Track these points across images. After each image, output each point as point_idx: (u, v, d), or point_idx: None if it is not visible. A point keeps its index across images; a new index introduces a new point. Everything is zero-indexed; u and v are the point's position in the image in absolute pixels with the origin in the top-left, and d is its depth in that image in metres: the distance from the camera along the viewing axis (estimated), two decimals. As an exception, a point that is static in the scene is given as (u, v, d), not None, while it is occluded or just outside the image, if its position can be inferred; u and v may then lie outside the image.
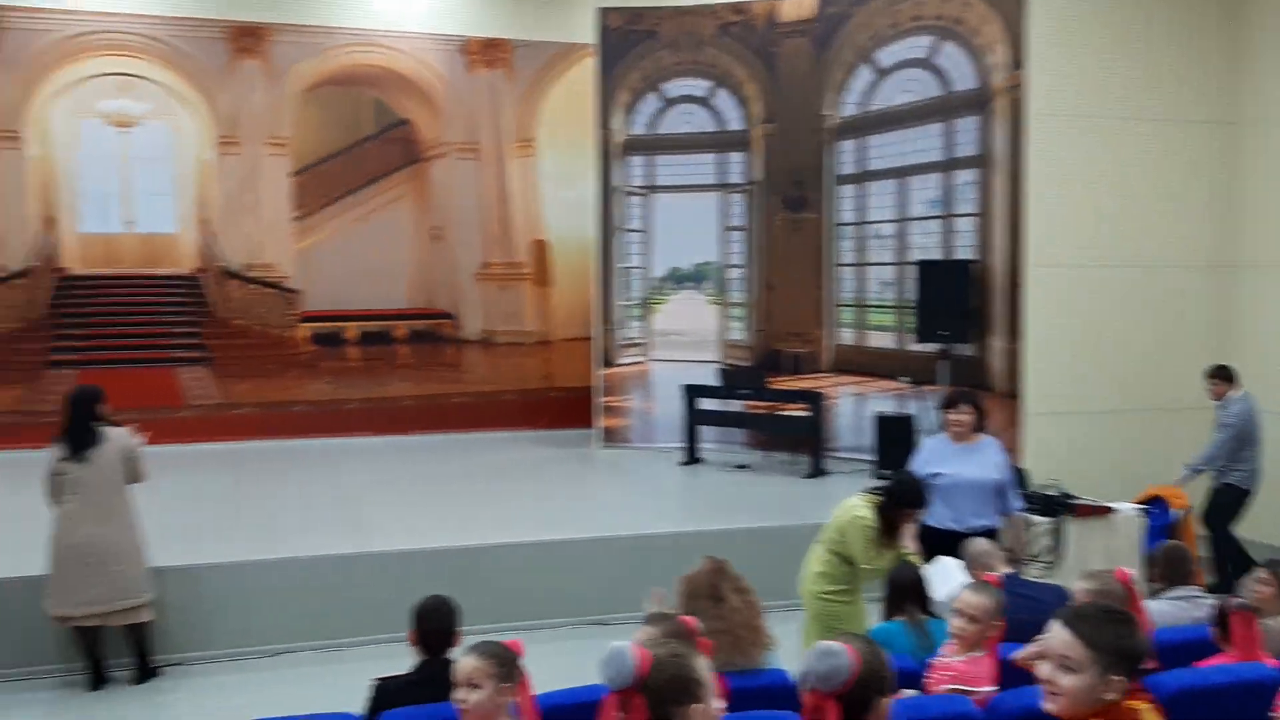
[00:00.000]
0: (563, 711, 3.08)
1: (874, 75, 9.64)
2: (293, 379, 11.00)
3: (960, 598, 3.60)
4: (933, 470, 5.43)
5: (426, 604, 3.84)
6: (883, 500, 4.75)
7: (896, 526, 4.73)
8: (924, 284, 8.77)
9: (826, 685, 2.22)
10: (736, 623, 3.38)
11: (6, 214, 10.12)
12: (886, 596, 4.27)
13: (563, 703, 3.12)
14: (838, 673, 2.22)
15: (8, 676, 5.78)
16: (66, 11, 10.07)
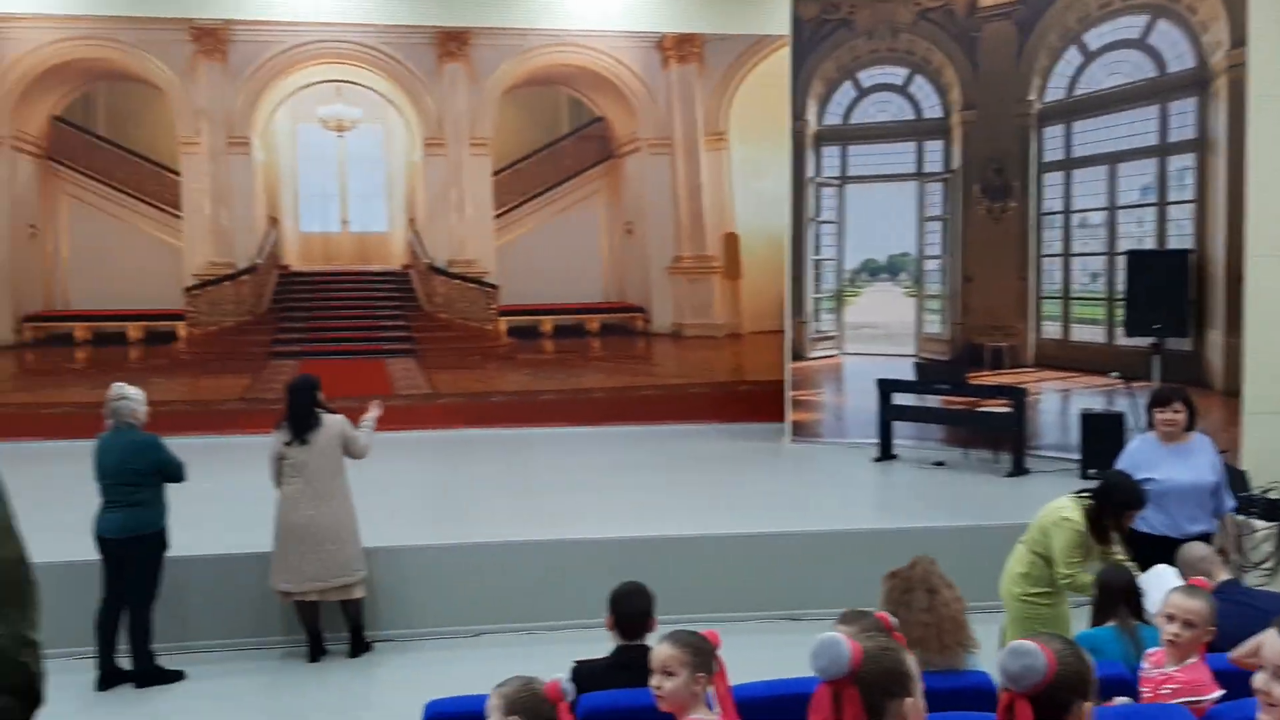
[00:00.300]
0: (759, 703, 3.10)
1: (1082, 58, 9.22)
2: (492, 370, 11.41)
3: (1171, 601, 3.42)
4: (1144, 475, 5.16)
5: (623, 589, 3.91)
6: (1094, 503, 4.56)
7: (1109, 530, 4.53)
8: (1135, 275, 8.33)
9: (1018, 685, 2.17)
10: (944, 617, 3.35)
11: (237, 215, 10.88)
12: (1096, 600, 4.08)
13: (758, 695, 3.14)
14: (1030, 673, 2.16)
15: (239, 646, 6.22)
16: (288, 23, 10.73)
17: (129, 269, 10.71)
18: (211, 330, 10.89)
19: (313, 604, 6.05)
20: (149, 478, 5.70)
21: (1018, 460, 8.81)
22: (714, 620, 6.43)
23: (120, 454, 5.64)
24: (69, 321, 10.68)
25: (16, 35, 10.39)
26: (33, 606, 1.73)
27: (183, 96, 10.73)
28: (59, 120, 10.60)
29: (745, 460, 9.73)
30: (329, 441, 6.03)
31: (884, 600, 3.56)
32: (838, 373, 10.60)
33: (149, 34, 10.59)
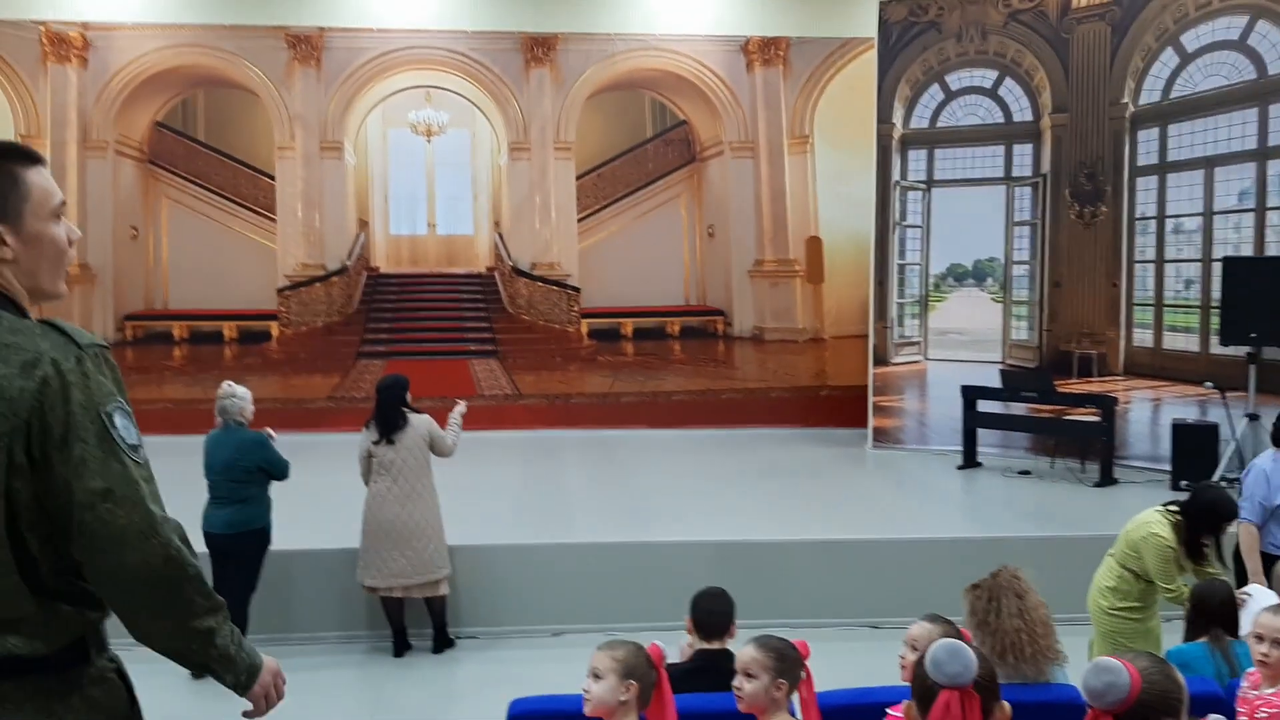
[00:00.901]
0: (839, 712, 3.10)
1: (1178, 59, 9.00)
2: (574, 372, 11.50)
3: (1260, 620, 3.34)
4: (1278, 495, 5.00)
5: (704, 593, 3.94)
6: (1183, 517, 4.46)
7: (1199, 545, 4.42)
8: (1231, 282, 8.11)
9: (1101, 703, 2.15)
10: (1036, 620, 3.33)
11: (328, 218, 11.14)
12: (1190, 616, 3.99)
13: (839, 703, 3.13)
14: (1113, 690, 2.14)
15: (329, 639, 6.38)
16: (380, 30, 10.96)
17: (225, 270, 11.04)
18: (303, 330, 11.16)
19: (398, 600, 6.18)
20: (255, 475, 5.87)
21: (1106, 470, 8.63)
22: (794, 627, 6.43)
23: (229, 451, 5.81)
24: (168, 320, 11.05)
25: (121, 44, 10.76)
26: (193, 597, 1.84)
27: (278, 102, 11.02)
28: (160, 125, 10.96)
29: (826, 466, 9.67)
30: (416, 441, 6.14)
31: (970, 612, 3.54)
32: (921, 379, 10.48)
33: (247, 41, 10.90)
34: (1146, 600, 4.58)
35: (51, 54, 10.67)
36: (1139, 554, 4.52)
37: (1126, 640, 4.47)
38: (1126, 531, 4.64)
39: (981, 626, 3.43)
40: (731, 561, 6.60)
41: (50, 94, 10.70)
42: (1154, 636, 4.61)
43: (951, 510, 8.34)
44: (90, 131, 10.78)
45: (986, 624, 3.41)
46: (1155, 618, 4.66)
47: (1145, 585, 4.54)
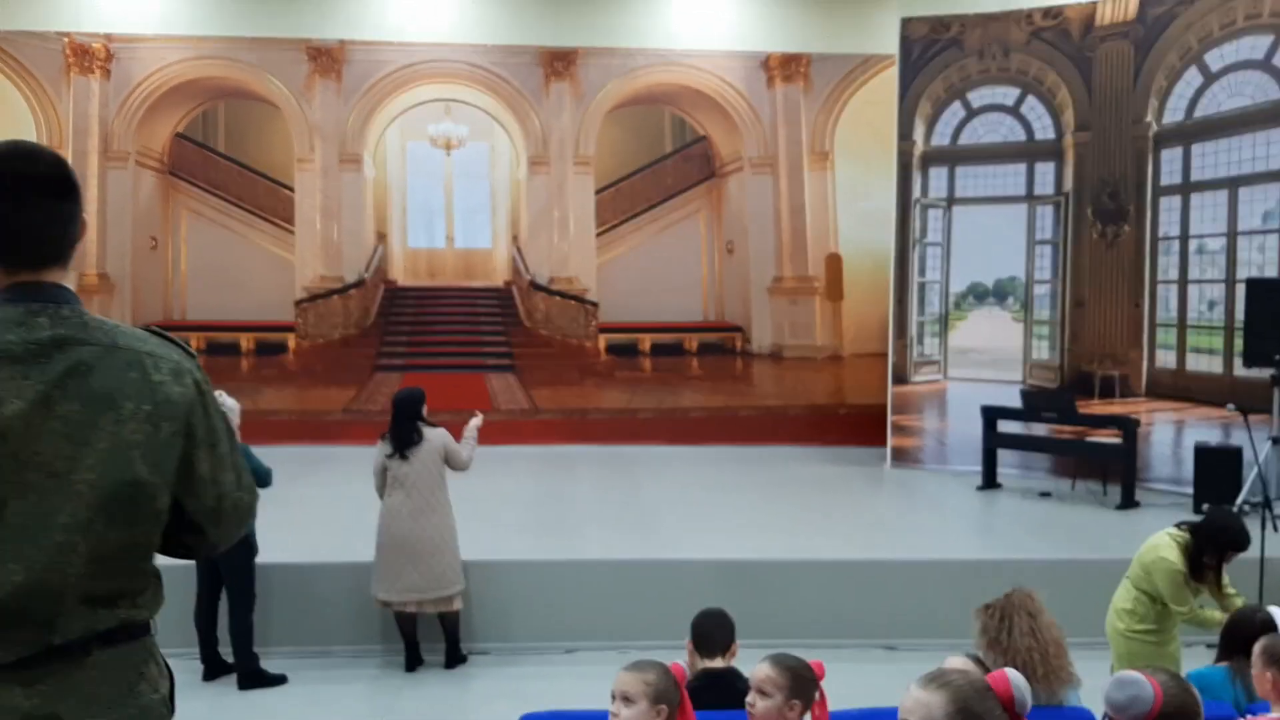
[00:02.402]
0: (854, 733, 3.04)
1: (1202, 79, 8.94)
2: (591, 387, 11.47)
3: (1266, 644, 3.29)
4: None
5: (703, 614, 3.93)
6: (1192, 540, 4.41)
7: (1206, 570, 4.37)
8: (1255, 303, 8.02)
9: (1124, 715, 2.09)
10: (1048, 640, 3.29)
11: (347, 231, 11.17)
12: (1223, 640, 3.92)
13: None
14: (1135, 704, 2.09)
15: (340, 653, 6.34)
16: (400, 43, 11.00)
17: (243, 281, 11.07)
18: (319, 343, 11.18)
19: (411, 614, 6.14)
20: None
21: (1128, 493, 8.52)
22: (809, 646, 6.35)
23: None
24: (186, 331, 11.03)
25: (143, 56, 10.84)
26: None
27: (298, 114, 11.07)
28: (181, 137, 11.02)
29: (844, 485, 9.59)
30: (431, 455, 6.11)
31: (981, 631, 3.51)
32: (941, 398, 10.40)
33: (269, 53, 10.96)
34: (1163, 623, 4.53)
35: (75, 65, 10.75)
36: (1150, 576, 4.48)
37: (1145, 663, 4.41)
38: (1140, 554, 4.61)
39: (993, 646, 3.40)
40: (747, 580, 6.55)
41: (73, 105, 10.78)
42: (1173, 660, 4.54)
43: (970, 531, 8.26)
44: (111, 142, 10.85)
45: (998, 643, 3.39)
46: (1174, 641, 4.60)
47: (1161, 608, 4.50)
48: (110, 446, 1.84)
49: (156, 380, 1.90)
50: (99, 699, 1.87)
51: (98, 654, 1.88)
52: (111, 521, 1.85)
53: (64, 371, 1.83)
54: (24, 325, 1.84)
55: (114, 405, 1.85)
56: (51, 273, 1.91)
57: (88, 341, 1.86)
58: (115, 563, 1.88)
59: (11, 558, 1.79)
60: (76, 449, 1.82)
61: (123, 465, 1.85)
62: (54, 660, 1.84)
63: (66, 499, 1.82)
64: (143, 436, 1.87)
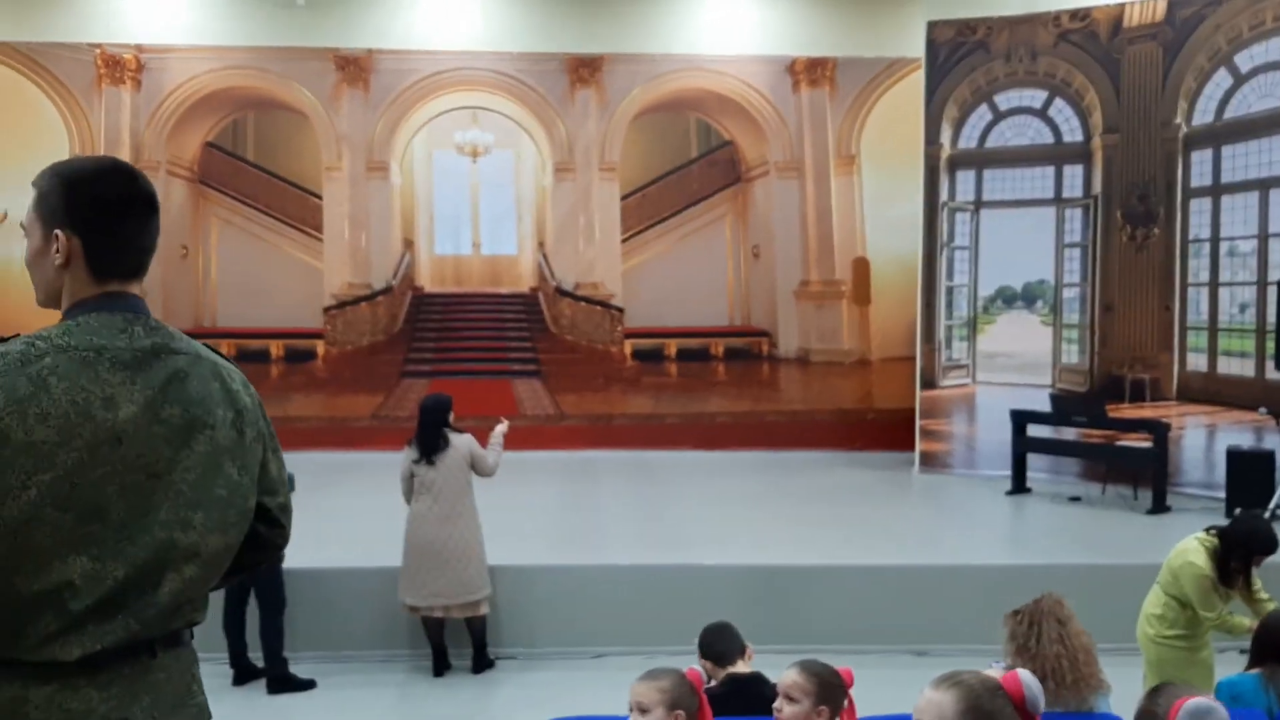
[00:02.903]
0: (882, 740, 3.03)
1: (1231, 80, 8.85)
2: (617, 393, 11.48)
3: None
4: None
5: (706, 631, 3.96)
6: (1220, 545, 4.36)
7: (1235, 574, 4.32)
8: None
9: None
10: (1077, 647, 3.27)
11: (374, 238, 11.24)
12: (1254, 646, 3.87)
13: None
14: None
15: (368, 658, 6.37)
16: (427, 52, 11.06)
17: (272, 289, 11.16)
18: (348, 349, 11.24)
19: (438, 620, 6.16)
20: None
21: (1159, 498, 8.44)
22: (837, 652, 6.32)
23: None
24: (216, 339, 11.14)
25: (174, 66, 10.95)
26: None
27: (326, 123, 11.15)
28: (211, 146, 11.12)
29: (872, 490, 9.55)
30: (457, 461, 6.13)
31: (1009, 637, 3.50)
32: (969, 402, 10.34)
33: (297, 63, 11.04)
34: (1194, 629, 4.48)
35: (106, 76, 10.88)
36: (1179, 581, 4.44)
37: (1176, 670, 4.39)
38: (1169, 559, 4.57)
39: (1021, 652, 3.39)
40: (775, 586, 6.53)
41: (104, 115, 10.91)
42: (1205, 666, 4.50)
43: (999, 537, 8.20)
44: (142, 152, 10.96)
45: (1026, 649, 3.37)
46: (1207, 647, 4.55)
47: (1191, 613, 4.46)
48: (207, 450, 1.95)
49: (234, 389, 2.03)
50: (167, 699, 1.94)
51: (163, 655, 1.93)
52: (209, 521, 1.95)
53: (166, 378, 1.93)
54: (126, 332, 1.93)
55: (208, 411, 1.96)
56: (135, 284, 2.03)
57: (180, 351, 1.98)
58: (212, 566, 1.98)
59: (112, 555, 1.85)
60: (176, 451, 1.92)
61: (217, 468, 1.97)
62: (123, 662, 1.89)
63: (165, 498, 1.90)
64: (231, 441, 1.99)
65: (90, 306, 1.95)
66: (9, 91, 10.74)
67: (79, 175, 1.99)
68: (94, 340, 1.89)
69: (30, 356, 1.85)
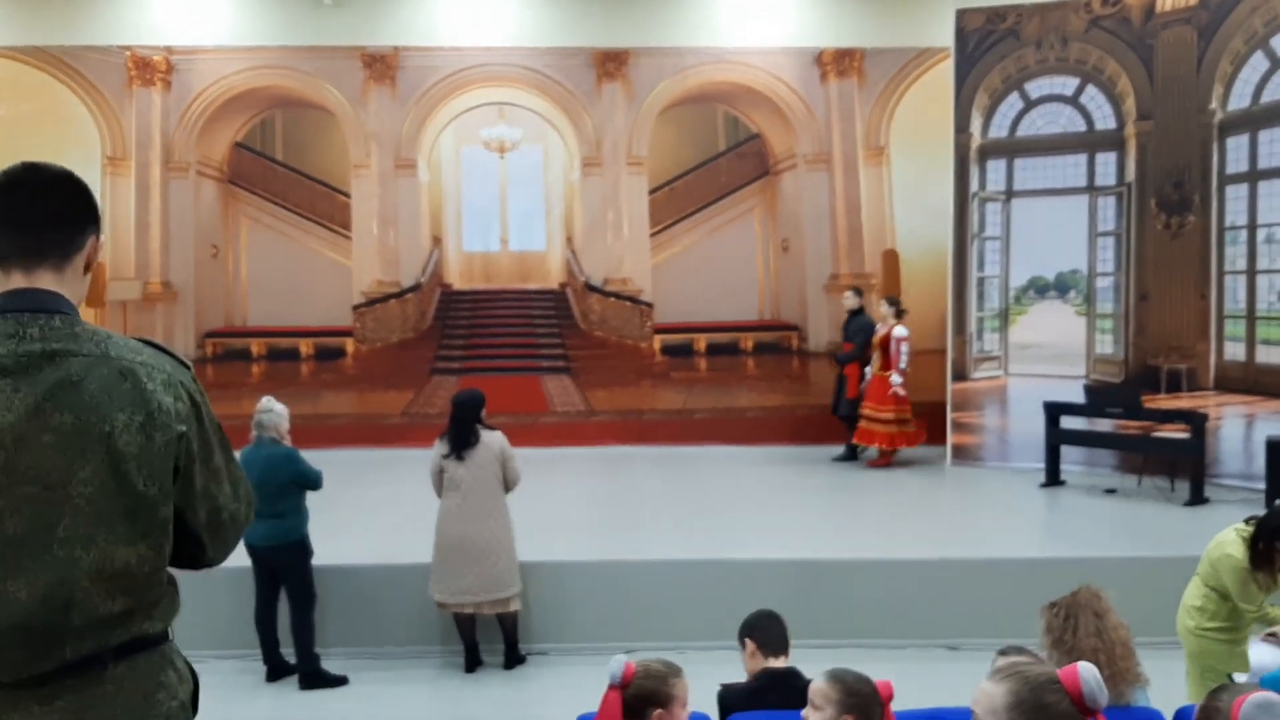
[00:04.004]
0: (916, 734, 3.00)
1: (1268, 63, 8.71)
2: (646, 388, 11.45)
3: None
4: None
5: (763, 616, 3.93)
6: (1257, 535, 4.30)
7: (1275, 565, 4.26)
8: (1330, 293, 7.80)
9: None
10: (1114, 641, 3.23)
11: (403, 236, 11.27)
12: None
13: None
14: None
15: (402, 654, 6.40)
16: (454, 48, 11.07)
17: (302, 287, 11.21)
18: (377, 347, 11.28)
19: (470, 615, 6.17)
20: (289, 489, 5.95)
21: (1197, 489, 8.33)
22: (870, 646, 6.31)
23: (261, 468, 5.83)
24: (247, 337, 11.25)
25: (203, 67, 11.02)
26: None
27: (354, 121, 11.18)
28: (240, 146, 11.18)
29: (904, 483, 9.48)
30: (488, 458, 6.13)
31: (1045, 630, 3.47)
32: (1002, 394, 10.24)
33: (325, 62, 11.09)
34: (1234, 620, 4.45)
35: (137, 78, 10.96)
36: (1218, 573, 4.40)
37: (1217, 662, 4.36)
38: (1208, 550, 4.54)
39: (1057, 645, 3.36)
40: (806, 580, 6.50)
41: (135, 117, 10.99)
42: (1244, 658, 4.44)
43: (1034, 529, 8.12)
44: (173, 153, 11.05)
45: (1062, 642, 3.34)
46: (1247, 639, 4.49)
47: (1231, 605, 4.43)
48: (105, 458, 1.83)
49: (149, 390, 1.88)
50: (116, 712, 1.86)
51: (114, 668, 1.87)
52: (114, 535, 1.83)
53: (55, 383, 1.81)
54: (15, 337, 1.83)
55: (106, 416, 1.83)
56: (43, 278, 1.90)
57: (78, 353, 1.85)
58: (125, 579, 1.86)
59: (11, 574, 1.78)
60: (70, 461, 1.81)
61: (119, 477, 1.84)
62: (70, 676, 1.83)
63: (64, 512, 1.80)
64: (136, 448, 1.85)
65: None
66: (42, 94, 10.85)
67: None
68: None
69: None
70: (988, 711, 2.08)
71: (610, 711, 2.79)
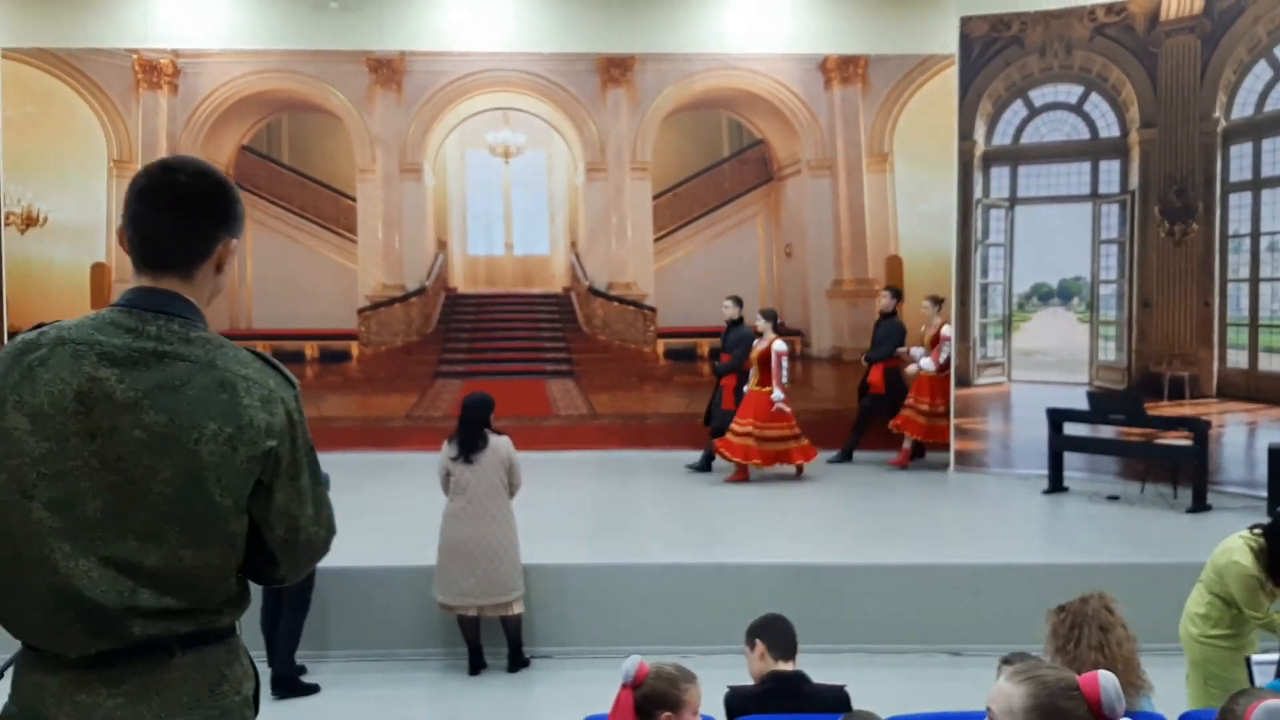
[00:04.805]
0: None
1: (1271, 72, 8.73)
2: (649, 392, 11.47)
3: None
4: None
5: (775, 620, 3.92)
6: (1268, 542, 4.31)
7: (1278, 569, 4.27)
8: (1333, 301, 7.81)
9: None
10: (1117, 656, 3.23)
11: (408, 239, 11.30)
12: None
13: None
14: None
15: (406, 656, 6.41)
16: (459, 53, 11.11)
17: (308, 290, 11.24)
18: (382, 350, 11.31)
19: (474, 618, 6.19)
20: None
21: (1199, 496, 8.34)
22: (873, 652, 6.33)
23: None
24: (252, 340, 11.25)
25: (210, 71, 11.06)
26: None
27: (360, 125, 11.22)
28: (246, 149, 11.22)
29: (906, 489, 9.50)
30: (494, 462, 6.15)
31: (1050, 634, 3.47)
32: (1005, 400, 10.26)
33: (330, 66, 11.12)
34: (1239, 628, 4.43)
35: (143, 81, 11.00)
36: (1224, 580, 4.39)
37: (1220, 670, 4.35)
38: (1213, 557, 4.52)
39: (1060, 652, 3.36)
40: (808, 585, 6.51)
41: (141, 120, 11.03)
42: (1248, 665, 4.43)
43: (1036, 535, 8.14)
44: (179, 156, 11.08)
45: (1065, 650, 3.34)
46: (1251, 646, 4.49)
47: (1236, 612, 4.40)
48: (187, 464, 1.88)
49: (245, 404, 1.92)
50: (180, 700, 1.92)
51: (180, 656, 1.92)
52: (185, 537, 1.89)
53: (157, 384, 1.88)
54: (133, 331, 1.91)
55: (197, 424, 1.89)
56: (169, 280, 1.97)
57: (186, 358, 1.91)
58: (191, 580, 1.92)
59: (83, 553, 1.85)
60: (156, 460, 1.87)
61: (197, 483, 1.89)
62: (137, 660, 1.89)
63: (142, 505, 1.87)
64: (219, 459, 1.90)
65: (122, 299, 1.96)
66: (48, 97, 10.89)
67: (139, 170, 2.01)
68: (92, 335, 1.89)
69: (30, 345, 1.89)
70: (1004, 711, 2.09)
71: (622, 710, 2.81)
